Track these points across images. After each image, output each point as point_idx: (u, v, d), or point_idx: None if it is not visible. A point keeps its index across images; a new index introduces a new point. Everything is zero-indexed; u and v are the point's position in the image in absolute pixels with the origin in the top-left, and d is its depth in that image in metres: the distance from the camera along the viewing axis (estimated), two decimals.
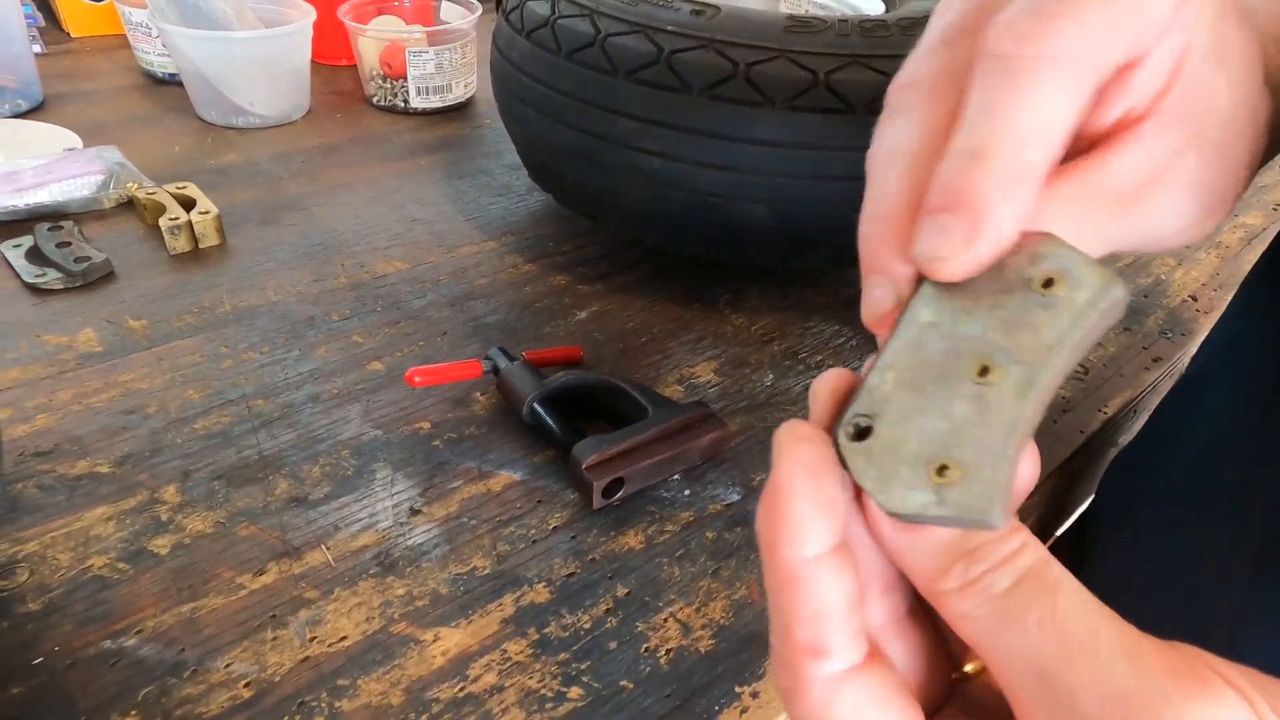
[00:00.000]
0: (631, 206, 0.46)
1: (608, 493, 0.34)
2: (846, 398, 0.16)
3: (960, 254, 0.14)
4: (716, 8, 0.42)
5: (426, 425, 0.40)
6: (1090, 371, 0.48)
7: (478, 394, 0.42)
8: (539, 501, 0.36)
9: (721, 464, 0.39)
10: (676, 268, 0.52)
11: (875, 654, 0.15)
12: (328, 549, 0.33)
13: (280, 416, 0.39)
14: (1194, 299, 0.56)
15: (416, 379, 0.38)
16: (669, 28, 0.41)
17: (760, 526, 0.14)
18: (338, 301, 0.48)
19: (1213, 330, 0.39)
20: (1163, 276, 0.58)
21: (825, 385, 0.16)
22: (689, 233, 0.47)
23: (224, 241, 0.51)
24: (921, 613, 0.16)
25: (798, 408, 0.43)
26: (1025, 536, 0.14)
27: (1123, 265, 0.59)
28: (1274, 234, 0.34)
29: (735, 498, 0.37)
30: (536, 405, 0.38)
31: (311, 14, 0.62)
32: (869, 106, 0.40)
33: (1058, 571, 0.13)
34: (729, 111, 0.40)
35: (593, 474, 0.34)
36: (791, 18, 0.42)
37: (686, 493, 0.38)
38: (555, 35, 0.43)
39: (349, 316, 0.46)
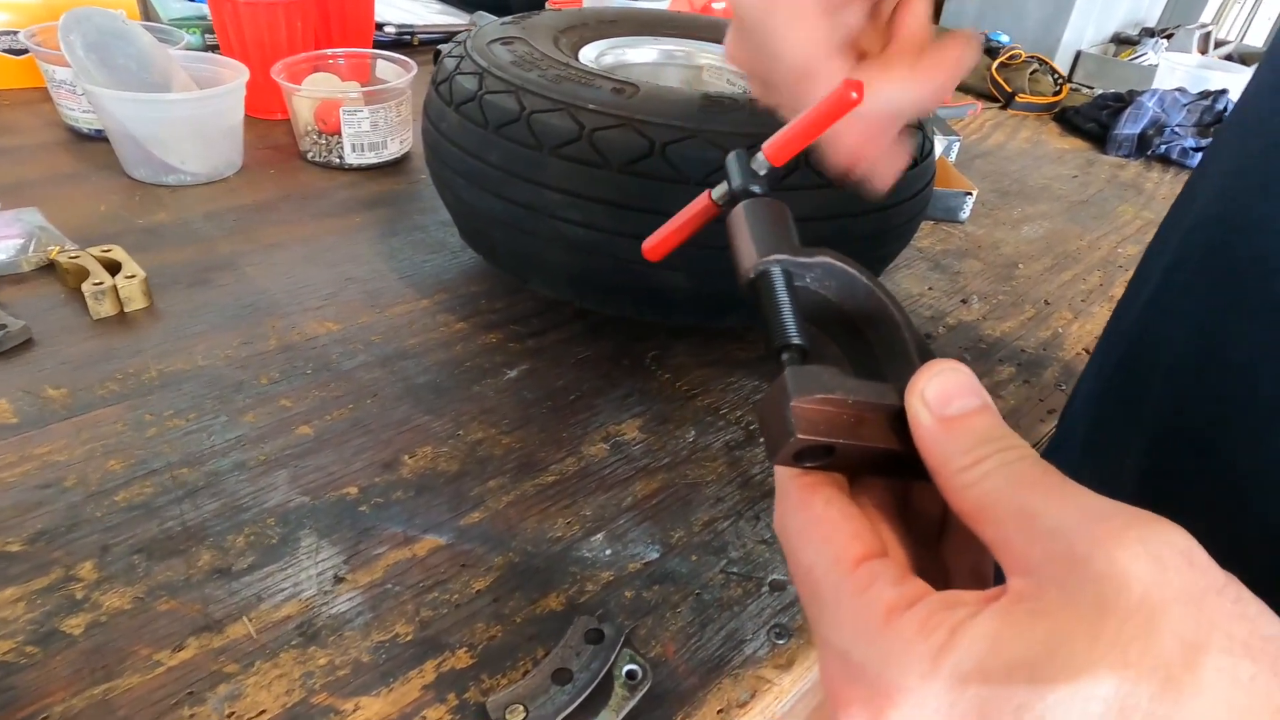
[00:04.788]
0: (558, 271, 0.48)
1: (803, 457, 0.21)
2: None
3: None
4: (636, 87, 0.45)
5: (354, 490, 0.40)
6: None
7: (406, 457, 0.43)
8: (463, 565, 0.37)
9: (642, 522, 0.41)
10: (606, 325, 0.54)
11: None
12: (250, 620, 0.33)
13: (205, 485, 0.39)
14: (1087, 351, 0.61)
15: (651, 250, 0.29)
16: (590, 106, 0.43)
17: None
18: (267, 364, 0.48)
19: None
20: (1060, 330, 0.63)
21: None
22: (612, 296, 0.49)
23: (151, 304, 0.51)
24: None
25: (718, 463, 0.45)
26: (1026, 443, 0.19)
27: (1025, 319, 0.63)
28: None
29: (654, 555, 0.39)
30: (777, 273, 0.24)
31: (244, 74, 0.63)
32: (777, 185, 0.43)
33: (1044, 461, 0.18)
34: (647, 186, 0.43)
35: (799, 421, 0.20)
36: (707, 97, 0.45)
37: (608, 551, 0.39)
38: (483, 110, 0.45)
39: (278, 380, 0.47)
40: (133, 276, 0.49)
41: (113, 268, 0.50)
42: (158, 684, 0.31)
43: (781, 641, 0.35)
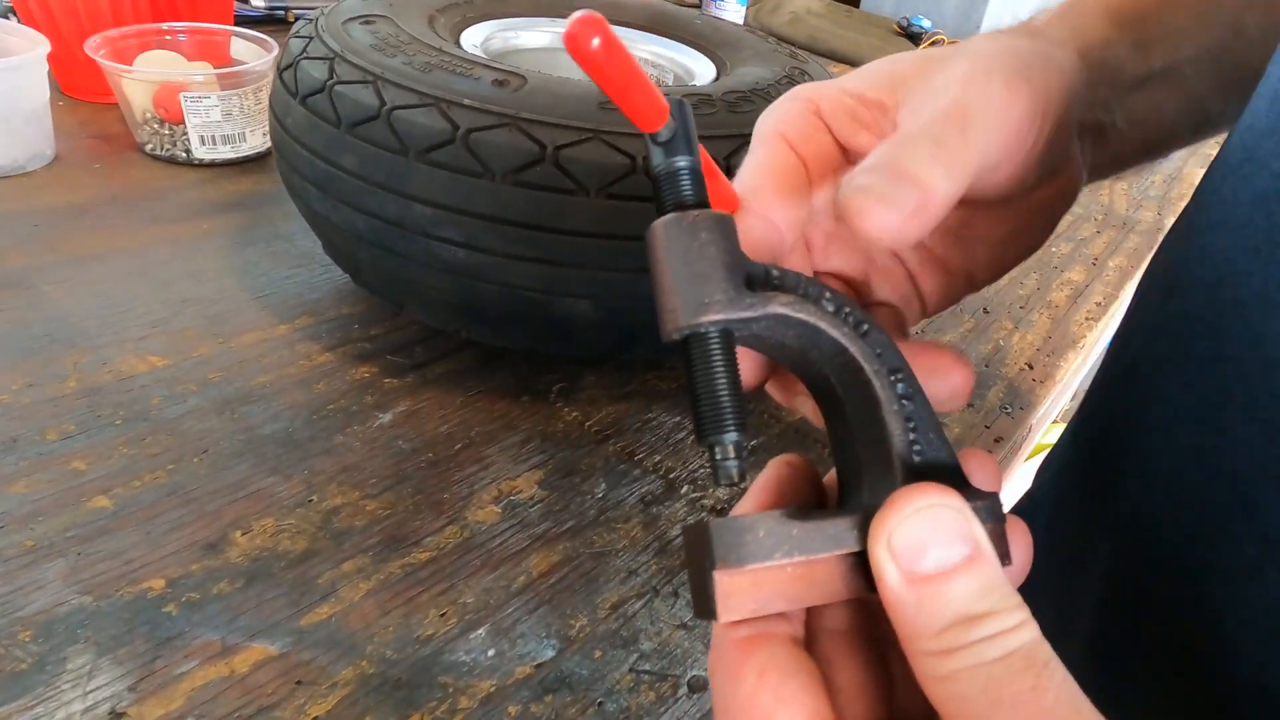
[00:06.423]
0: (438, 298, 0.40)
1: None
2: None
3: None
4: (522, 78, 0.37)
5: (159, 584, 0.31)
6: None
7: (238, 534, 0.34)
8: (299, 683, 0.29)
9: (536, 608, 0.33)
10: (504, 351, 0.47)
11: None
12: None
13: None
14: (1030, 366, 0.57)
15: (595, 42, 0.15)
16: (465, 102, 0.35)
17: None
18: (59, 413, 0.38)
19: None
20: (1001, 343, 0.59)
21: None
22: (505, 327, 0.41)
23: None
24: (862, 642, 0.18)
25: (632, 525, 0.38)
26: (1026, 616, 0.14)
27: (965, 331, 0.59)
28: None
29: (549, 654, 0.32)
30: (713, 335, 0.17)
31: (43, 45, 0.51)
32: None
33: (1047, 653, 0.14)
34: (538, 199, 0.35)
35: (725, 601, 0.15)
36: None
37: (490, 652, 0.31)
38: (334, 104, 0.37)
39: (73, 434, 0.37)
40: None
41: None
42: None
43: None
